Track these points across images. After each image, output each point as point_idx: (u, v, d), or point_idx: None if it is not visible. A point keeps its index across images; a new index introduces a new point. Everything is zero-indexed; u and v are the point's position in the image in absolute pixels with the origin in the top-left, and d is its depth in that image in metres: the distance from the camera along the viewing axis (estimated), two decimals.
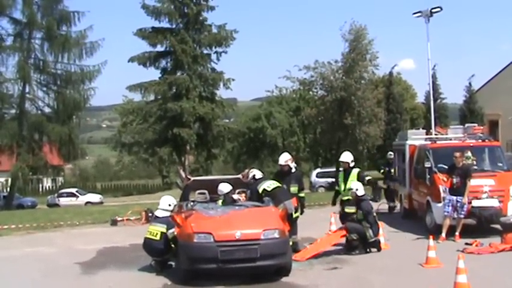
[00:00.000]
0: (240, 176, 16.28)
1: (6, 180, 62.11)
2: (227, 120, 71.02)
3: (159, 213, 14.79)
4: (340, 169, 17.25)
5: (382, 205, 24.15)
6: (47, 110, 52.76)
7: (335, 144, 49.71)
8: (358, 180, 16.17)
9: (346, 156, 16.72)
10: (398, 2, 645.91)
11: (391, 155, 25.87)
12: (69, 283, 13.69)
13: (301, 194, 15.81)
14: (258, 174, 15.58)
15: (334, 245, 15.66)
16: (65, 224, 26.23)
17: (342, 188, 16.63)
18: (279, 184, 14.86)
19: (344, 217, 16.19)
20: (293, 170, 16.00)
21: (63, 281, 13.88)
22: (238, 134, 64.37)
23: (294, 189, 15.47)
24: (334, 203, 17.59)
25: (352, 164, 16.68)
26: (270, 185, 14.69)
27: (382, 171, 26.30)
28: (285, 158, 15.93)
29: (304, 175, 32.31)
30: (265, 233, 12.23)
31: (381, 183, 24.25)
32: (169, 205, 14.75)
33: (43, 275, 14.54)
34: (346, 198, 16.36)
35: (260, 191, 14.53)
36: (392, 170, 24.88)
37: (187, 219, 12.97)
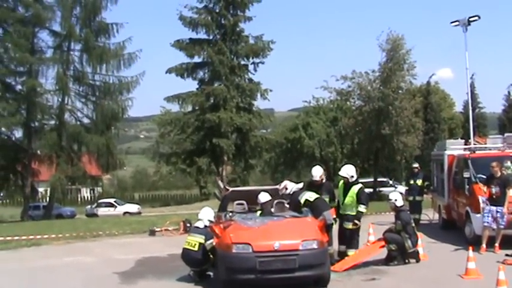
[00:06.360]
0: (278, 186, 16.25)
1: (46, 190, 62.81)
2: (264, 131, 71.12)
3: (199, 224, 14.82)
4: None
5: (423, 216, 24.01)
6: (85, 120, 53.58)
7: (373, 154, 49.54)
8: (357, 197, 15.39)
9: (345, 171, 15.79)
10: (436, 11, 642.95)
11: (415, 164, 25.38)
12: None
13: (333, 204, 15.71)
14: (290, 185, 15.57)
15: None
16: (104, 234, 26.43)
17: (341, 202, 15.83)
18: (319, 195, 14.84)
19: (342, 232, 15.74)
20: (323, 181, 15.90)
21: None
22: (275, 144, 64.39)
23: (326, 200, 15.39)
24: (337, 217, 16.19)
25: (352, 179, 15.71)
26: (311, 195, 14.69)
27: (426, 183, 25.35)
28: (319, 173, 15.71)
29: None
30: (303, 243, 12.19)
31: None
32: (209, 220, 14.74)
33: (83, 284, 14.65)
34: (345, 213, 15.65)
35: (302, 201, 14.53)
36: (419, 182, 24.25)
37: (226, 230, 13.01)
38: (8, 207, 71.13)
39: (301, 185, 15.86)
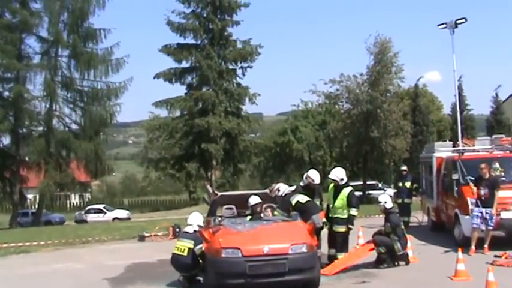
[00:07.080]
0: (267, 190, 16.24)
1: (35, 197, 62.61)
2: (253, 135, 71.20)
3: (188, 229, 14.78)
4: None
5: (412, 218, 24.04)
6: (73, 126, 53.40)
7: (361, 157, 49.65)
8: (348, 200, 15.41)
9: (335, 174, 15.78)
10: (423, 14, 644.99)
11: (404, 167, 25.48)
12: None
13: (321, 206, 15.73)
14: (283, 187, 15.58)
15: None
16: (93, 240, 26.38)
17: (331, 205, 15.82)
18: (310, 198, 14.84)
19: (332, 236, 15.67)
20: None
21: None
22: (264, 148, 64.47)
23: (317, 203, 15.39)
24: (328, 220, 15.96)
25: (342, 182, 15.67)
26: (303, 198, 14.70)
27: (415, 186, 25.42)
28: (319, 177, 15.76)
29: None
30: (293, 247, 12.17)
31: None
32: (198, 225, 14.70)
33: None
34: (335, 216, 15.59)
35: (293, 203, 14.54)
36: (408, 184, 24.33)
37: (215, 235, 12.98)
38: None
39: (293, 188, 15.85)
